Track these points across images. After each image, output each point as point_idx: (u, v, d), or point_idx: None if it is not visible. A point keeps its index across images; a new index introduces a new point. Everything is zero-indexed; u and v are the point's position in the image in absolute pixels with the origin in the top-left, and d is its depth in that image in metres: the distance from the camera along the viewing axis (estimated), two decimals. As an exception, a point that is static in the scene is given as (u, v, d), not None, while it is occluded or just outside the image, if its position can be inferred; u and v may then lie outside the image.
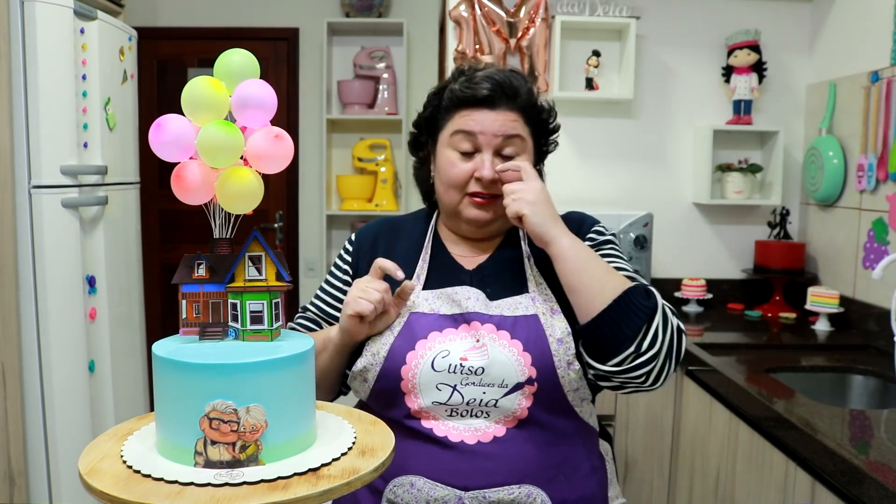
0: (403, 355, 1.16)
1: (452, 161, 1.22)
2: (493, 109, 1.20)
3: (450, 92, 1.24)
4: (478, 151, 1.21)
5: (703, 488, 1.99)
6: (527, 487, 1.13)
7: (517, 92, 1.21)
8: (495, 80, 1.20)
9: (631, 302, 1.10)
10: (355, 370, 1.20)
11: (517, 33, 2.60)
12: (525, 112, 1.23)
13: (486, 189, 1.21)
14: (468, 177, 1.21)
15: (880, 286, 2.22)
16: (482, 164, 1.19)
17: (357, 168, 3.83)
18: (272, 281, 0.93)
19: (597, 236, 1.28)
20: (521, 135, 1.21)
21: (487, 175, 1.19)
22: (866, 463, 1.28)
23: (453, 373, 1.13)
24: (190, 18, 3.82)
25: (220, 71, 0.92)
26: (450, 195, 1.24)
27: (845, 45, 2.50)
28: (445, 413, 1.14)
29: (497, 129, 1.20)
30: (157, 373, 0.88)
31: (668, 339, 1.11)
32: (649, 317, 1.10)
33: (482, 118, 1.20)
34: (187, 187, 0.90)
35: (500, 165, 1.20)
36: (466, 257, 1.28)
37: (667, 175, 2.76)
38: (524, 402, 1.14)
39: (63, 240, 2.26)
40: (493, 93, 1.19)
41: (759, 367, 1.91)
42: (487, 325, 1.16)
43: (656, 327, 1.10)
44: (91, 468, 0.84)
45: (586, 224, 1.30)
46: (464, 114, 1.21)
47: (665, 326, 1.12)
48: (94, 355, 2.44)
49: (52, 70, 2.20)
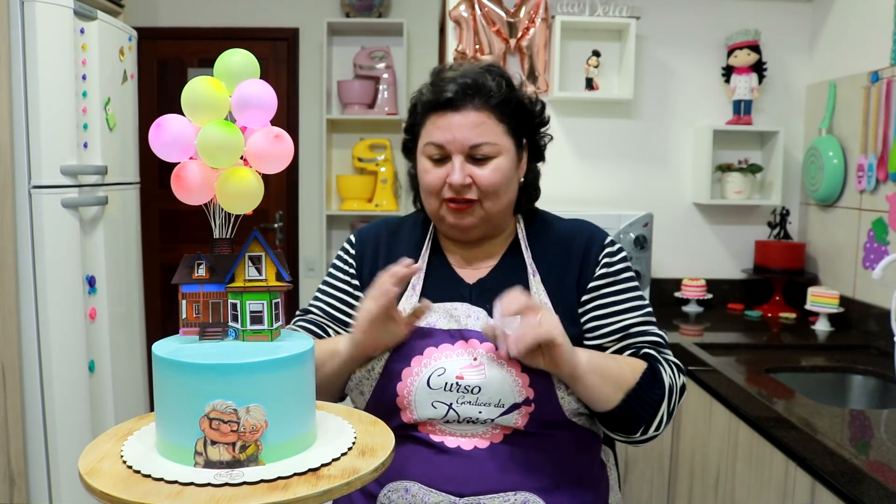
0: (399, 371, 1.14)
1: (426, 168, 1.21)
2: (458, 111, 1.17)
3: (420, 95, 1.23)
4: (449, 157, 1.18)
5: (703, 488, 1.99)
6: (523, 495, 1.11)
7: (483, 90, 1.17)
8: (458, 82, 1.17)
9: (641, 397, 1.14)
10: (352, 383, 1.19)
11: (517, 33, 2.61)
12: (498, 109, 1.18)
13: (458, 194, 1.18)
14: (441, 183, 1.18)
15: (880, 286, 2.22)
16: (452, 170, 1.17)
17: (357, 168, 3.83)
18: (272, 281, 0.93)
19: (611, 259, 1.24)
20: (488, 140, 1.17)
21: (456, 180, 1.16)
22: (866, 463, 1.28)
23: (449, 391, 1.11)
24: (190, 18, 3.82)
25: (220, 71, 0.92)
26: (429, 202, 1.22)
27: (845, 45, 2.50)
28: (442, 422, 1.13)
29: (463, 138, 1.16)
30: (157, 373, 0.87)
31: (670, 413, 1.17)
32: (658, 406, 1.15)
33: (448, 122, 1.17)
34: (187, 187, 0.90)
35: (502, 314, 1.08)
36: (466, 270, 1.26)
37: (667, 175, 2.76)
38: (520, 420, 1.12)
39: (63, 240, 2.27)
40: (455, 95, 1.16)
41: (759, 368, 1.91)
42: (486, 343, 1.14)
43: (661, 415, 1.16)
44: (91, 468, 0.84)
45: (597, 243, 1.25)
46: (432, 119, 1.19)
47: (671, 406, 1.17)
48: (94, 355, 2.44)
49: (52, 70, 2.20)
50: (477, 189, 1.18)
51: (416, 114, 1.25)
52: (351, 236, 1.35)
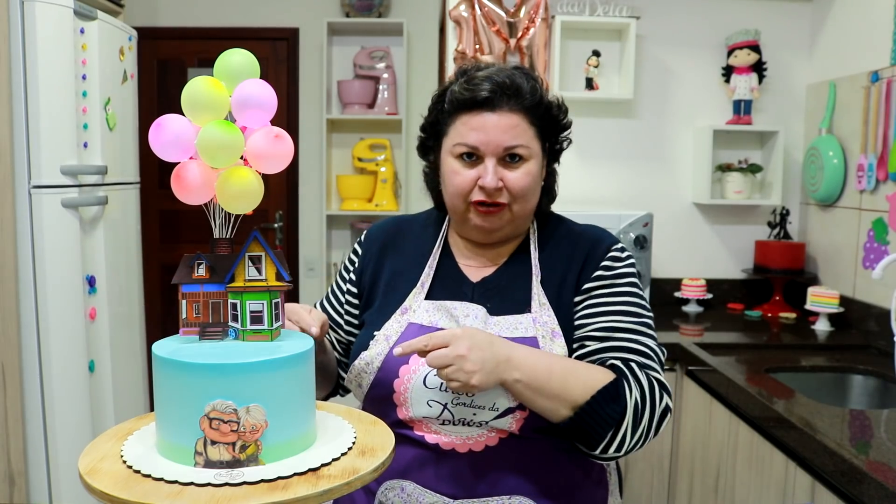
0: (397, 368, 1.14)
1: (455, 169, 1.18)
2: (494, 111, 1.15)
3: (451, 94, 1.20)
4: (480, 159, 1.17)
5: (703, 488, 1.99)
6: (518, 499, 1.11)
7: (519, 91, 1.16)
8: (495, 81, 1.15)
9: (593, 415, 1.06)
10: (351, 374, 1.20)
11: (517, 33, 2.60)
12: (530, 112, 1.17)
13: (490, 197, 1.16)
14: (472, 185, 1.17)
15: (880, 286, 2.22)
16: (485, 172, 1.15)
17: (357, 168, 3.83)
18: (272, 281, 0.93)
19: (614, 263, 1.21)
20: (522, 143, 1.16)
21: (490, 184, 1.14)
22: (866, 463, 1.28)
23: (444, 391, 1.11)
24: (190, 18, 3.82)
25: (220, 71, 0.92)
26: (455, 203, 1.20)
27: (845, 45, 2.50)
28: (438, 422, 1.13)
29: (498, 140, 1.15)
30: (157, 373, 0.88)
31: (640, 435, 1.08)
32: (614, 425, 1.06)
33: (482, 122, 1.15)
34: (187, 187, 0.90)
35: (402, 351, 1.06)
36: (473, 268, 1.25)
37: (667, 175, 2.76)
38: (514, 424, 1.11)
39: (63, 240, 2.26)
40: (493, 94, 1.15)
41: (759, 367, 1.91)
42: None
43: (623, 435, 1.07)
44: (91, 468, 0.84)
45: (603, 246, 1.22)
46: (464, 118, 1.17)
47: (642, 428, 1.08)
48: (94, 355, 2.44)
49: (52, 70, 2.20)
50: (507, 192, 1.17)
51: (441, 112, 1.22)
52: (362, 236, 1.35)
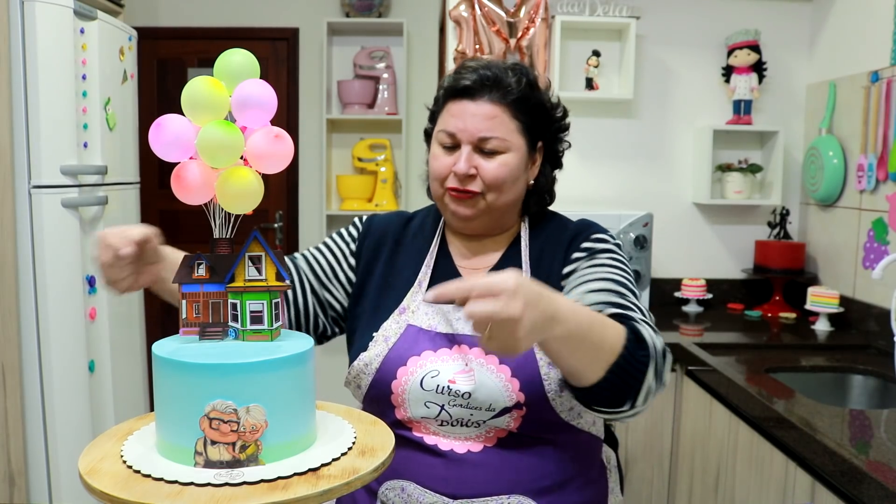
0: (395, 370, 1.15)
1: (436, 154, 1.22)
2: (474, 100, 1.17)
3: (443, 82, 1.25)
4: (459, 146, 1.19)
5: (703, 488, 1.99)
6: (517, 498, 1.11)
7: (500, 83, 1.17)
8: (479, 73, 1.18)
9: (632, 358, 0.99)
10: (350, 375, 1.20)
11: (517, 33, 2.60)
12: (514, 106, 1.18)
13: (462, 184, 1.18)
14: (447, 171, 1.19)
15: (880, 286, 2.22)
16: (458, 158, 1.18)
17: (357, 168, 3.83)
18: (272, 281, 0.93)
19: (594, 244, 1.21)
20: (498, 135, 1.17)
21: (461, 169, 1.16)
22: (866, 463, 1.28)
23: (441, 393, 1.12)
24: (190, 18, 3.82)
25: (220, 71, 0.92)
26: (434, 187, 1.24)
27: (845, 45, 2.50)
28: (436, 423, 1.14)
29: (474, 128, 1.17)
30: (157, 373, 0.87)
31: (658, 379, 1.03)
32: (644, 371, 1.00)
33: (462, 109, 1.18)
34: (187, 187, 0.90)
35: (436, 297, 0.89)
36: (468, 268, 1.26)
37: (667, 175, 2.76)
38: (513, 423, 1.12)
39: (63, 240, 2.26)
40: (474, 84, 1.17)
41: (759, 367, 1.91)
42: (476, 348, 1.14)
43: (649, 384, 1.01)
44: (91, 468, 0.84)
45: (586, 232, 1.23)
46: (449, 106, 1.21)
47: (658, 373, 1.02)
48: (94, 355, 2.44)
49: (52, 70, 2.20)
50: (481, 181, 1.18)
51: (437, 101, 1.26)
52: (364, 218, 1.35)
